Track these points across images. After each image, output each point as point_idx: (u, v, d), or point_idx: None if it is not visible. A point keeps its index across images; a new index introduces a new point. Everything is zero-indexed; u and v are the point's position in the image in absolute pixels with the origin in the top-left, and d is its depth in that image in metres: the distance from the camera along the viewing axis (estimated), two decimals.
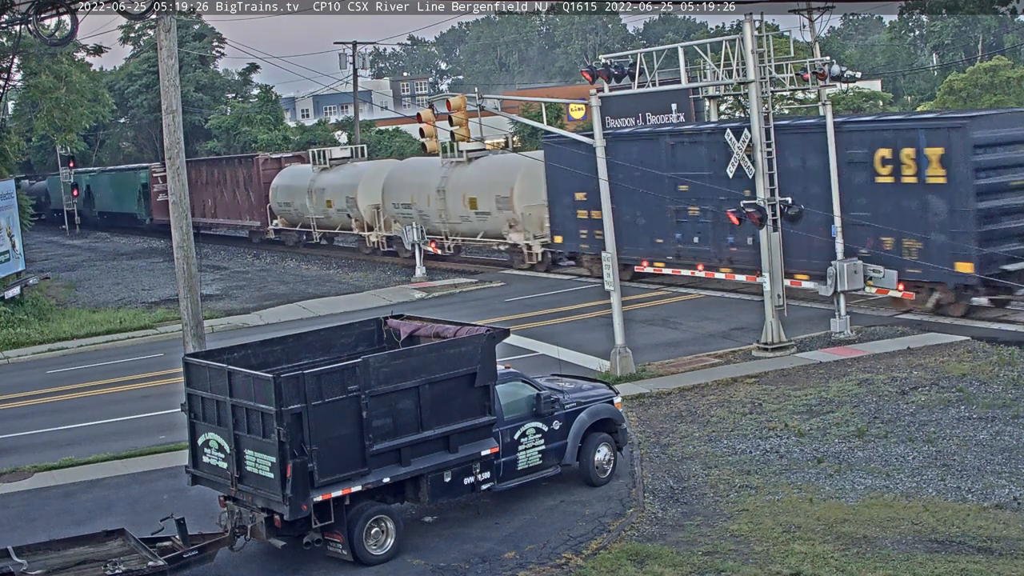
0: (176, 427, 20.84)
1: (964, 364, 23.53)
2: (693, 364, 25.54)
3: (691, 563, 14.67)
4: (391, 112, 78.26)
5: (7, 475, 21.05)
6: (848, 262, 27.03)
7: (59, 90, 43.23)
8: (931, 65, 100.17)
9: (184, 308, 21.32)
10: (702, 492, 17.41)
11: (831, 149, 27.74)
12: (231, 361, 16.09)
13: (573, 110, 60.55)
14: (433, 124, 26.00)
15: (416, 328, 18.04)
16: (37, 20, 23.54)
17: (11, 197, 40.66)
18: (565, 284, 38.68)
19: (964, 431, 19.37)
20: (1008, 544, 14.56)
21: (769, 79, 26.65)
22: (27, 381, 30.06)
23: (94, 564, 14.62)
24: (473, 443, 16.27)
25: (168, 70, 21.05)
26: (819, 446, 19.15)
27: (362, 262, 49.46)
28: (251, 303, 40.09)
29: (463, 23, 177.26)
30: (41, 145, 79.19)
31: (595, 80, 25.77)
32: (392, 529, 15.54)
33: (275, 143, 67.81)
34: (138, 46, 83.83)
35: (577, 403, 17.89)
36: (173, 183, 21.27)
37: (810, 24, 50.34)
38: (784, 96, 45.28)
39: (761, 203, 25.48)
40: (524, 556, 15.35)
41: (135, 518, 17.55)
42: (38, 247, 66.26)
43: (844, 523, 15.61)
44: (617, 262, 25.42)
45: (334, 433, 14.91)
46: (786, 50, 37.73)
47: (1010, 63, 66.52)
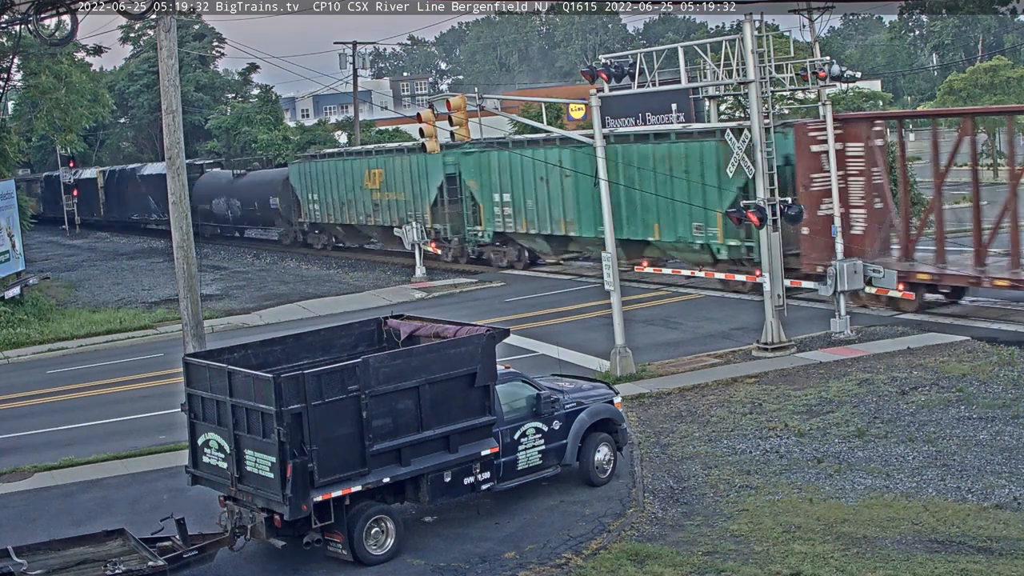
0: (176, 427, 20.83)
1: (964, 364, 23.53)
2: (693, 364, 25.54)
3: (691, 563, 14.66)
4: (391, 112, 78.16)
5: (7, 475, 21.05)
6: (848, 262, 27.03)
7: (59, 90, 43.16)
8: (931, 65, 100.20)
9: (184, 308, 21.31)
10: (702, 492, 17.41)
11: (832, 150, 27.76)
12: (231, 361, 16.09)
13: (573, 110, 60.47)
14: (433, 124, 25.98)
15: (416, 328, 18.04)
16: (37, 20, 23.52)
17: (11, 197, 40.65)
18: (565, 284, 38.71)
19: (964, 431, 19.37)
20: (1008, 544, 14.56)
21: (769, 79, 26.65)
22: (27, 381, 30.05)
23: (94, 564, 14.62)
24: (473, 443, 16.27)
25: (168, 70, 21.04)
26: (819, 446, 19.15)
27: (362, 262, 49.51)
28: (251, 303, 40.10)
29: (463, 23, 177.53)
30: (41, 145, 79.12)
31: (595, 80, 25.77)
32: (392, 529, 15.54)
33: (275, 143, 67.72)
34: (138, 46, 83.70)
35: (577, 403, 17.89)
36: (173, 183, 21.27)
37: (810, 24, 50.31)
38: (784, 96, 45.24)
39: (761, 203, 25.49)
40: (524, 556, 15.35)
41: (135, 518, 17.54)
42: (38, 247, 66.23)
43: (844, 523, 15.61)
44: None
45: (334, 433, 14.90)
46: (786, 50, 37.73)
47: (1010, 63, 66.49)
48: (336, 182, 51.57)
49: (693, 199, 32.68)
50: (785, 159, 30.34)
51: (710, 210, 32.34)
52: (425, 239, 43.11)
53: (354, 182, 50.25)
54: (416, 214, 45.38)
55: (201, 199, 62.22)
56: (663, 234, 34.76)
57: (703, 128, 34.54)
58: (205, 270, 47.03)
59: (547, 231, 39.78)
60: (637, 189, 33.90)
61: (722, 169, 30.36)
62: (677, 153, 33.80)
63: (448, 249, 45.18)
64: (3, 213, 39.45)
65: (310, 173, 53.84)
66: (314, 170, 53.54)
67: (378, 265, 47.95)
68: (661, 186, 33.45)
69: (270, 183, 57.93)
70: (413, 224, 43.29)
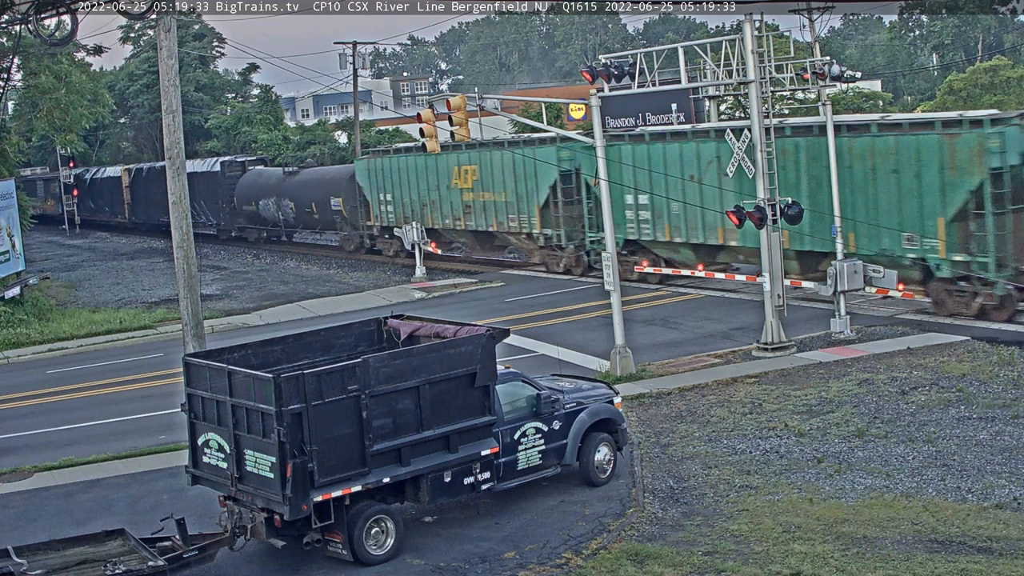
0: (176, 427, 20.84)
1: (964, 364, 23.53)
2: (693, 364, 25.54)
3: (691, 563, 14.66)
4: (391, 112, 78.16)
5: (7, 475, 21.05)
6: (848, 262, 27.04)
7: (59, 90, 43.21)
8: (931, 65, 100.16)
9: (184, 308, 21.31)
10: (702, 492, 17.41)
11: (831, 151, 27.75)
12: (231, 361, 16.10)
13: (573, 110, 60.47)
14: (433, 124, 25.99)
15: (416, 328, 18.04)
16: (37, 20, 23.51)
17: (11, 197, 40.66)
18: (565, 284, 38.67)
19: (964, 431, 19.37)
20: (1008, 544, 14.55)
21: (769, 79, 26.67)
22: (27, 381, 30.06)
23: (94, 564, 14.63)
24: (473, 443, 16.28)
25: (168, 70, 21.05)
26: (819, 446, 19.15)
27: (362, 262, 49.47)
28: (251, 303, 40.11)
29: (463, 23, 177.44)
30: (41, 145, 79.13)
31: (595, 80, 25.79)
32: (392, 529, 15.53)
33: (275, 143, 67.75)
34: (138, 46, 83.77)
35: (577, 403, 17.89)
36: (173, 183, 21.27)
37: (810, 24, 50.25)
38: (784, 96, 45.29)
39: (761, 203, 25.50)
40: (524, 556, 15.35)
41: (135, 518, 17.55)
42: (38, 247, 66.26)
43: (844, 523, 15.60)
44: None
45: (334, 433, 14.90)
46: (786, 50, 37.77)
47: (1010, 63, 66.49)
48: (416, 181, 46.14)
49: (906, 204, 27.81)
50: (1021, 157, 26.41)
51: (927, 218, 27.44)
52: (425, 239, 42.88)
53: (439, 180, 44.88)
54: (520, 217, 40.79)
55: (245, 200, 58.03)
56: (861, 245, 28.78)
57: (917, 119, 29.94)
58: (205, 270, 47.07)
59: (697, 239, 33.48)
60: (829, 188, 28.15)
61: (947, 168, 26.79)
62: (883, 148, 28.42)
63: (560, 258, 39.85)
64: (3, 213, 39.45)
65: (383, 170, 47.97)
66: (388, 167, 47.66)
67: (378, 265, 47.90)
68: (859, 188, 28.76)
69: (331, 182, 52.05)
70: (413, 224, 43.22)
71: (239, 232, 60.52)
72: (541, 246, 40.56)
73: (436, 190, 45.20)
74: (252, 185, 57.94)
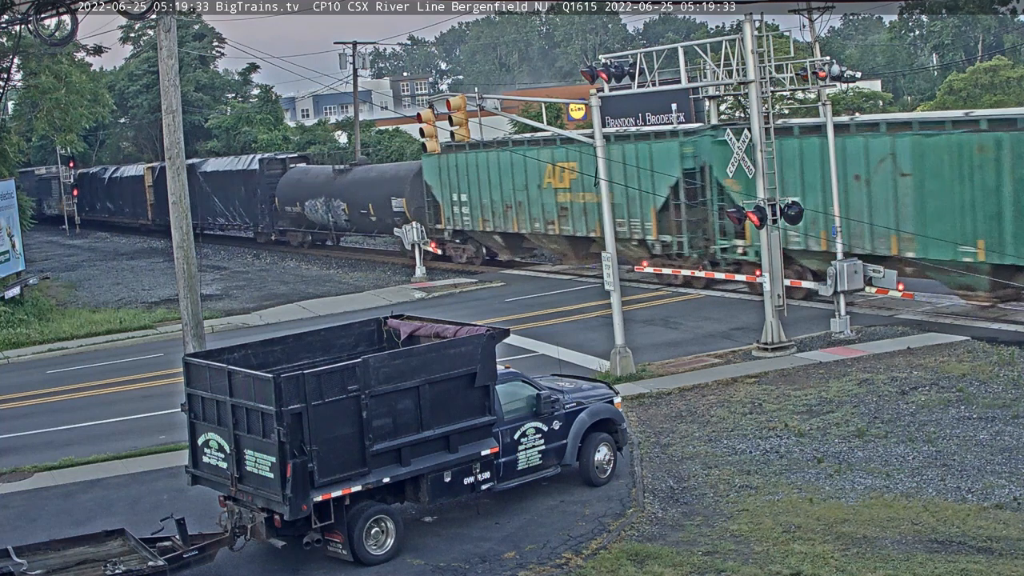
0: (176, 427, 20.84)
1: (964, 364, 23.53)
2: (693, 364, 25.54)
3: (691, 563, 14.66)
4: (391, 112, 78.15)
5: (7, 475, 21.05)
6: (848, 262, 27.04)
7: (59, 90, 43.22)
8: (931, 65, 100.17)
9: (184, 308, 21.32)
10: (702, 492, 17.41)
11: (831, 151, 27.75)
12: (231, 361, 16.09)
13: (573, 110, 60.46)
14: (433, 124, 25.99)
15: (416, 328, 18.04)
16: (37, 20, 23.53)
17: (11, 197, 40.68)
18: (565, 284, 38.69)
19: (964, 431, 19.37)
20: (1008, 544, 14.55)
21: (769, 79, 26.66)
22: (27, 381, 30.06)
23: (94, 564, 14.63)
24: (473, 443, 16.28)
25: (168, 70, 21.05)
26: (819, 446, 19.15)
27: (362, 262, 49.47)
28: (251, 303, 40.11)
29: (463, 23, 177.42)
30: (41, 145, 79.12)
31: (595, 80, 25.77)
32: (392, 529, 15.54)
33: (275, 143, 67.78)
34: (138, 46, 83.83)
35: (577, 403, 17.89)
36: (173, 183, 21.27)
37: (810, 24, 50.23)
38: (784, 96, 45.27)
39: (761, 203, 25.49)
40: (524, 556, 15.35)
41: (135, 518, 17.54)
42: (38, 247, 66.26)
43: (844, 523, 15.60)
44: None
45: (334, 433, 14.90)
46: (786, 50, 37.70)
47: (1010, 63, 66.54)
48: (498, 179, 41.19)
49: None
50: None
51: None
52: (425, 239, 42.77)
53: (527, 179, 39.80)
54: (632, 222, 35.72)
55: (288, 200, 53.32)
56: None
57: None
58: (205, 270, 47.04)
59: (864, 248, 28.86)
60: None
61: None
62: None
63: (680, 265, 34.85)
64: (3, 213, 39.46)
65: (456, 167, 42.96)
66: (463, 163, 42.60)
67: (378, 265, 47.90)
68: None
69: (392, 180, 47.11)
70: (413, 224, 43.17)
71: (280, 236, 56.25)
72: (656, 254, 35.62)
73: (524, 190, 40.26)
74: (296, 184, 53.04)
